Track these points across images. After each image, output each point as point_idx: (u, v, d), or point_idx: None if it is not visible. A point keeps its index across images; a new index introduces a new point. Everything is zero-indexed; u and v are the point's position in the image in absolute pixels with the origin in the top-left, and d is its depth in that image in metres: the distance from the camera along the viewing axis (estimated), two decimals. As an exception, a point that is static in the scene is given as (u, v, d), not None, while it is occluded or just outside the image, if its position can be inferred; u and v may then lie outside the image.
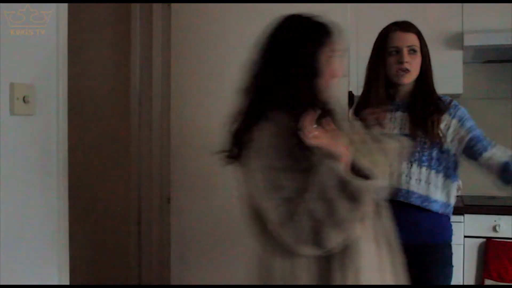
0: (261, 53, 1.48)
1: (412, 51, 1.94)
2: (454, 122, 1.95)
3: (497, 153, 1.92)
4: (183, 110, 2.30)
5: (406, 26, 1.97)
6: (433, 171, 1.94)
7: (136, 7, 2.45)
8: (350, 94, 2.10)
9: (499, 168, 1.89)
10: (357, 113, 2.04)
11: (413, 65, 1.94)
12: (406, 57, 1.93)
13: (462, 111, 1.97)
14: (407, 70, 1.93)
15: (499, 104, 3.37)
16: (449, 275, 1.98)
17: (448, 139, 1.95)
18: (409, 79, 1.95)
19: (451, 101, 1.97)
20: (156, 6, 2.41)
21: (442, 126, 1.93)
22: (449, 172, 1.98)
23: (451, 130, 1.94)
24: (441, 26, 3.05)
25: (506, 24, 2.94)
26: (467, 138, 1.94)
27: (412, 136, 1.93)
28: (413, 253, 1.93)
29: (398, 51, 1.94)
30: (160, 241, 2.43)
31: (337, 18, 2.03)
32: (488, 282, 2.80)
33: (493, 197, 3.20)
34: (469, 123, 1.96)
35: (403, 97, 2.00)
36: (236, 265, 2.20)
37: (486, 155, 1.93)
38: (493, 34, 2.99)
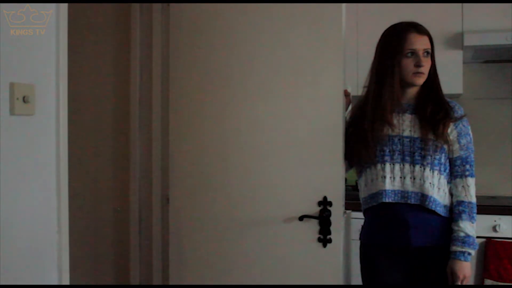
0: None
1: (426, 53, 1.95)
2: (454, 133, 1.96)
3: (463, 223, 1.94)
4: (182, 110, 2.30)
5: (421, 29, 1.97)
6: (442, 176, 1.95)
7: (136, 7, 2.45)
8: (346, 93, 2.09)
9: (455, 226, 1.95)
10: (363, 113, 2.04)
11: (427, 68, 1.96)
12: (423, 60, 1.93)
13: (464, 124, 1.99)
14: (422, 73, 1.94)
15: (499, 104, 3.38)
16: None
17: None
18: (423, 80, 1.96)
19: (464, 115, 1.99)
20: (156, 6, 2.41)
21: (448, 131, 1.95)
22: (449, 178, 1.99)
23: (450, 138, 1.95)
24: (441, 26, 3.05)
25: (506, 24, 2.95)
26: (454, 155, 1.96)
27: (423, 139, 1.93)
28: (420, 255, 1.95)
29: (414, 53, 1.94)
30: (160, 241, 2.43)
31: (331, 17, 2.05)
32: (488, 282, 2.80)
33: (493, 197, 3.20)
34: (464, 140, 1.97)
35: (409, 99, 2.00)
36: (236, 265, 2.20)
37: (456, 202, 1.97)
38: (493, 34, 2.99)
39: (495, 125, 3.35)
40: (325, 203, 2.04)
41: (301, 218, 2.03)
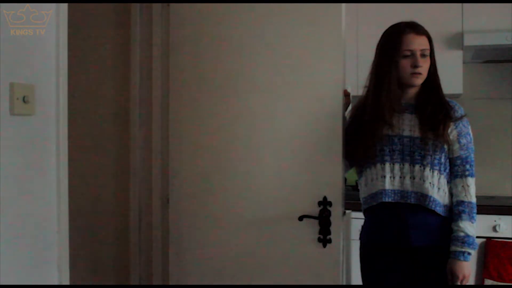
0: None
1: (423, 53, 1.94)
2: (454, 133, 1.96)
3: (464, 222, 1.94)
4: (182, 110, 2.30)
5: (419, 29, 1.96)
6: (442, 176, 1.95)
7: (136, 7, 2.45)
8: (346, 93, 2.09)
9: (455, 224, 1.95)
10: (362, 113, 2.04)
11: (425, 68, 1.96)
12: (420, 61, 1.93)
13: (464, 124, 1.98)
14: (420, 73, 1.94)
15: (499, 104, 3.38)
16: None
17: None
18: (421, 81, 1.96)
19: (464, 115, 1.99)
20: (156, 6, 2.41)
21: (448, 131, 1.95)
22: (449, 178, 1.99)
23: (449, 138, 1.95)
24: (441, 26, 3.06)
25: (506, 24, 2.95)
26: (454, 155, 1.96)
27: (423, 138, 1.93)
28: (420, 255, 1.95)
29: (411, 54, 1.94)
30: (160, 241, 2.42)
31: (331, 17, 2.05)
32: (488, 282, 2.80)
33: (493, 197, 3.20)
34: (464, 140, 1.97)
35: (409, 99, 2.00)
36: (235, 265, 2.20)
37: (455, 201, 1.97)
38: (493, 34, 2.99)
39: (495, 125, 3.35)
40: (325, 203, 2.04)
41: (300, 218, 2.03)
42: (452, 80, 2.98)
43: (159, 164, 2.42)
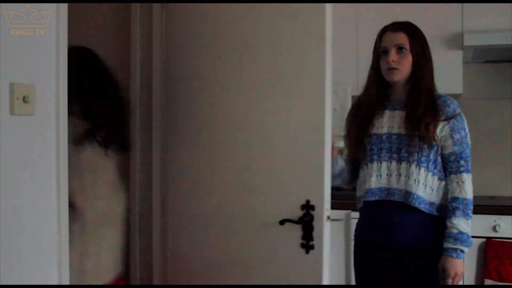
0: None
1: (400, 49, 1.95)
2: (447, 129, 1.95)
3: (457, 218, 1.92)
4: (180, 109, 2.30)
5: (396, 26, 1.99)
6: (430, 173, 1.94)
7: (136, 7, 2.45)
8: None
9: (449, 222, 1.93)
10: (356, 112, 2.07)
11: (402, 63, 1.96)
12: (393, 56, 1.95)
13: (458, 119, 1.96)
14: (394, 69, 1.96)
15: (499, 104, 3.38)
16: None
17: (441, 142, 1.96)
18: (399, 76, 1.97)
19: (457, 114, 1.96)
20: (156, 6, 2.41)
21: (437, 129, 1.94)
22: (443, 175, 1.98)
23: (442, 134, 1.95)
24: (441, 26, 3.06)
25: (506, 24, 2.95)
26: (448, 151, 1.95)
27: (409, 136, 1.94)
28: (404, 254, 1.95)
29: (387, 51, 1.96)
30: (160, 241, 2.42)
31: (314, 18, 2.00)
32: (488, 282, 2.80)
33: (493, 197, 3.20)
34: (458, 135, 1.95)
35: (400, 96, 2.01)
36: (234, 265, 2.19)
37: (451, 199, 1.95)
38: (493, 34, 2.99)
39: (495, 125, 3.35)
40: (307, 207, 1.88)
41: (282, 222, 1.88)
42: (452, 80, 2.98)
43: (159, 164, 2.42)
